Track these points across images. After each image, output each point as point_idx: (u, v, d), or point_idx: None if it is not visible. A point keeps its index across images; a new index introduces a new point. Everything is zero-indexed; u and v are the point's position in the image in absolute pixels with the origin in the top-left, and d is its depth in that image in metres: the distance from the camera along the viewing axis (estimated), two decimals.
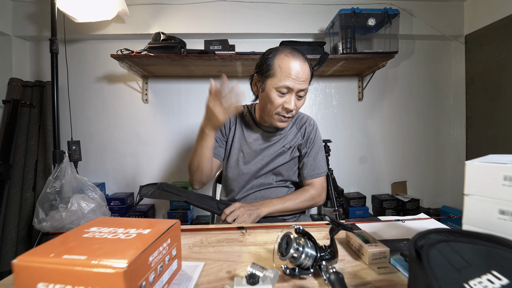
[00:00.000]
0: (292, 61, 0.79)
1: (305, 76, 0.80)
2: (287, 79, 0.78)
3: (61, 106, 1.52)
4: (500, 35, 1.61)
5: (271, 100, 0.82)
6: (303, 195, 0.90)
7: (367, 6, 1.68)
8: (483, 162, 0.38)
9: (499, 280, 0.25)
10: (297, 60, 0.79)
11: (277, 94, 0.81)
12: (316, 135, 0.97)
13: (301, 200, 0.88)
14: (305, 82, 0.80)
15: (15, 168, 1.55)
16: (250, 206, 0.80)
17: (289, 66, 0.78)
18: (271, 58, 0.82)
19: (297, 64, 0.78)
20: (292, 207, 0.86)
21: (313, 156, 0.95)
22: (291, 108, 0.81)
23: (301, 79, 0.79)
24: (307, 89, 0.83)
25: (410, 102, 1.93)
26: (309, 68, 0.82)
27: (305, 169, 0.95)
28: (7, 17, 1.68)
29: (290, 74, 0.78)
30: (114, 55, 1.42)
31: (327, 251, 0.44)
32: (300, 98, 0.84)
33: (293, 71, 0.78)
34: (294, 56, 0.79)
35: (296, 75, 0.78)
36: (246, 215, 0.76)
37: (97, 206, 1.22)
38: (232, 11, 1.74)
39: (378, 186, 1.94)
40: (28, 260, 0.32)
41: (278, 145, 0.94)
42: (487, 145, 1.74)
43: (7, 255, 1.47)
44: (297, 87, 0.79)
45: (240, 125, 0.99)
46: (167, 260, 0.41)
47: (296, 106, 0.83)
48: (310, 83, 0.86)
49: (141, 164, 1.84)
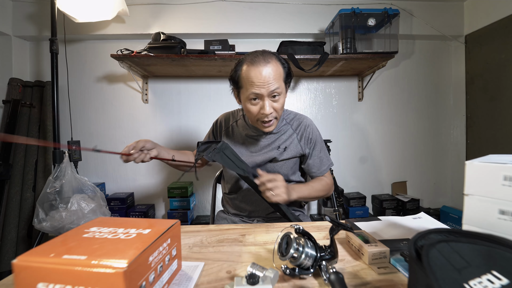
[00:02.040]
0: (252, 69, 0.79)
1: (271, 77, 0.79)
2: (253, 87, 0.79)
3: (61, 106, 1.52)
4: (500, 35, 1.61)
5: (248, 110, 0.84)
6: (321, 184, 0.94)
7: (367, 6, 1.68)
8: (483, 162, 0.38)
9: (499, 280, 0.25)
10: (256, 66, 0.79)
11: (251, 103, 0.82)
12: (314, 133, 0.97)
13: (320, 188, 0.93)
14: (272, 83, 0.79)
15: (15, 168, 1.55)
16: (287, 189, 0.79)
17: (251, 75, 0.79)
18: (238, 71, 0.83)
19: (257, 70, 0.78)
20: (313, 194, 0.91)
21: (317, 155, 0.97)
22: (266, 112, 0.81)
23: (267, 82, 0.78)
24: (279, 88, 0.81)
25: (410, 102, 1.93)
26: (275, 67, 0.80)
27: (312, 169, 0.98)
28: (7, 17, 1.68)
29: (253, 82, 0.79)
30: (114, 55, 1.42)
31: (327, 251, 0.44)
32: (275, 99, 0.82)
33: (255, 78, 0.78)
34: (253, 64, 0.79)
35: (259, 80, 0.78)
36: (284, 189, 0.76)
37: (97, 206, 1.22)
38: (232, 11, 1.74)
39: (378, 186, 1.94)
40: (28, 260, 0.32)
41: (273, 146, 0.94)
42: (487, 145, 1.74)
43: (7, 255, 1.47)
44: (265, 91, 0.79)
45: (236, 128, 1.01)
46: (167, 260, 0.41)
47: (274, 107, 0.82)
48: (288, 79, 0.86)
49: (141, 164, 1.84)
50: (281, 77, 0.82)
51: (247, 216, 0.99)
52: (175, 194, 1.68)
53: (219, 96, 1.84)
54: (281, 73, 0.82)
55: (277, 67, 0.81)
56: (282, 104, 0.84)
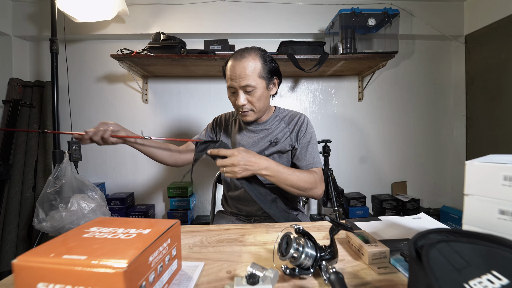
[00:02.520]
0: (229, 63, 0.87)
1: (243, 72, 0.83)
2: (229, 81, 0.87)
3: (61, 106, 1.52)
4: (500, 35, 1.61)
5: (230, 100, 0.92)
6: (307, 175, 0.84)
7: (367, 6, 1.69)
8: (483, 162, 0.38)
9: (499, 280, 0.25)
10: (232, 61, 0.85)
11: (230, 94, 0.90)
12: (307, 128, 0.96)
13: (304, 178, 0.82)
14: (244, 78, 0.83)
15: (15, 168, 1.55)
16: (251, 163, 0.75)
17: (228, 68, 0.87)
18: (224, 66, 0.91)
19: (231, 65, 0.85)
20: (293, 180, 0.80)
21: (305, 146, 0.94)
22: (239, 103, 0.86)
23: (238, 76, 0.83)
24: (253, 83, 0.84)
25: (410, 102, 1.93)
26: (250, 63, 0.83)
27: (300, 161, 0.92)
28: (7, 17, 1.68)
29: (229, 76, 0.86)
30: (114, 55, 1.42)
31: (327, 251, 0.44)
32: (250, 93, 0.85)
33: (230, 72, 0.85)
34: (232, 59, 0.86)
35: (232, 74, 0.84)
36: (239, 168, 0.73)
37: (97, 206, 1.22)
38: (232, 11, 1.74)
39: (378, 186, 1.94)
40: (28, 260, 0.32)
41: (266, 140, 0.96)
42: (487, 145, 1.74)
43: (7, 255, 1.47)
44: (237, 84, 0.84)
45: (234, 125, 1.05)
46: (167, 260, 0.41)
47: (249, 100, 0.87)
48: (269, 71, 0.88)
49: (141, 164, 1.84)
50: (257, 72, 0.85)
51: (245, 216, 0.99)
52: (175, 194, 1.68)
53: (219, 96, 1.84)
54: (257, 68, 0.85)
55: (253, 63, 0.84)
56: (258, 98, 0.87)
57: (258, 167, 0.76)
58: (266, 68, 0.87)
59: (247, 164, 0.74)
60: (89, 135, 0.75)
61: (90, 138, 0.76)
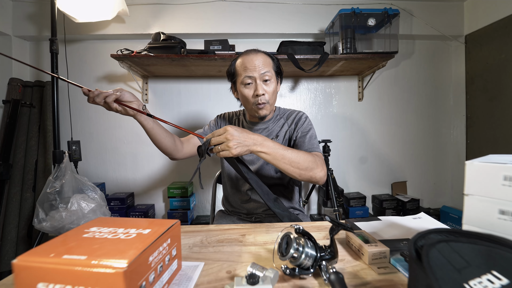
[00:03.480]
0: (244, 56, 0.91)
1: (261, 62, 0.89)
2: (246, 72, 0.89)
3: (61, 106, 1.51)
4: (500, 35, 1.61)
5: (244, 95, 0.92)
6: (306, 154, 0.79)
7: (367, 6, 1.68)
8: (483, 162, 0.38)
9: (499, 280, 0.25)
10: (248, 54, 0.91)
11: (245, 87, 0.91)
12: (306, 121, 0.96)
13: (303, 156, 0.77)
14: (262, 67, 0.88)
15: (15, 168, 1.55)
16: (245, 137, 0.70)
17: (243, 61, 0.90)
18: (233, 64, 0.95)
19: (249, 57, 0.90)
20: (291, 157, 0.75)
21: (304, 135, 0.92)
22: (259, 92, 0.88)
23: (257, 66, 0.88)
24: (269, 72, 0.90)
25: (410, 102, 1.93)
26: (264, 57, 0.91)
27: (300, 147, 0.90)
28: (7, 17, 1.68)
29: (246, 67, 0.89)
30: (114, 55, 1.42)
31: (327, 251, 0.44)
32: (267, 83, 0.90)
33: (248, 63, 0.89)
34: (246, 53, 0.92)
35: (251, 64, 0.88)
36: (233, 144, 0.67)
37: (97, 206, 1.22)
38: (232, 11, 1.74)
39: (378, 186, 1.94)
40: (28, 260, 0.32)
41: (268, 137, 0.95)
42: (487, 145, 1.74)
43: (7, 255, 1.47)
44: (257, 74, 0.88)
45: (236, 124, 1.06)
46: (167, 260, 0.41)
47: (266, 91, 0.90)
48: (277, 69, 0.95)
49: (141, 164, 1.84)
50: (271, 66, 0.92)
51: (245, 214, 1.00)
52: (175, 194, 1.68)
53: (219, 96, 1.84)
54: (271, 63, 0.93)
55: (266, 58, 0.92)
56: (273, 90, 0.91)
57: (253, 142, 0.70)
58: (275, 65, 0.94)
59: (241, 138, 0.68)
60: (94, 94, 0.69)
61: (93, 98, 0.70)
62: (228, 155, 0.67)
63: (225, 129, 0.68)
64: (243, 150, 0.69)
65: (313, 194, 1.79)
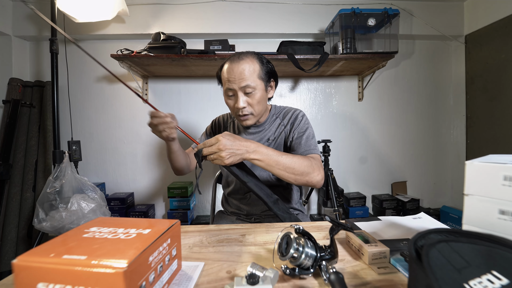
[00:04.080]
0: (225, 66, 0.86)
1: (242, 73, 0.83)
2: (226, 83, 0.86)
3: (61, 106, 1.52)
4: (500, 35, 1.61)
5: (227, 104, 0.90)
6: (302, 158, 0.78)
7: (367, 6, 1.68)
8: (483, 162, 0.38)
9: (499, 280, 0.25)
10: (229, 63, 0.85)
11: (228, 98, 0.89)
12: (303, 121, 0.94)
13: (298, 161, 0.76)
14: (243, 79, 0.83)
15: (15, 168, 1.55)
16: (238, 146, 0.69)
17: (225, 71, 0.86)
18: (220, 69, 0.90)
19: (230, 67, 0.84)
20: (286, 162, 0.74)
21: (300, 136, 0.91)
22: (239, 106, 0.84)
23: (238, 77, 0.83)
24: (252, 83, 0.83)
25: (410, 102, 1.93)
26: (249, 64, 0.84)
27: (295, 150, 0.89)
28: (7, 17, 1.68)
29: (226, 78, 0.85)
30: (114, 55, 1.42)
31: (327, 251, 0.44)
32: (249, 95, 0.85)
33: (228, 74, 0.84)
34: (228, 61, 0.86)
35: (230, 76, 0.84)
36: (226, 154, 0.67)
37: (97, 206, 1.22)
38: (232, 11, 1.74)
39: (378, 186, 1.94)
40: (28, 260, 0.32)
41: (264, 139, 0.96)
42: (487, 145, 1.74)
43: (7, 255, 1.47)
44: (236, 86, 0.83)
45: (232, 126, 1.06)
46: (167, 260, 0.41)
47: (249, 102, 0.86)
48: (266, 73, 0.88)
49: (141, 164, 1.84)
50: (256, 74, 0.85)
51: (245, 215, 1.00)
52: (175, 194, 1.68)
53: (219, 96, 1.84)
54: (256, 70, 0.85)
55: (251, 65, 0.84)
56: (257, 100, 0.86)
57: (246, 150, 0.70)
58: (264, 70, 0.88)
59: (233, 147, 0.68)
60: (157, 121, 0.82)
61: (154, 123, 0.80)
62: (222, 164, 0.69)
63: (217, 139, 0.67)
64: (235, 159, 0.69)
65: (313, 194, 1.79)
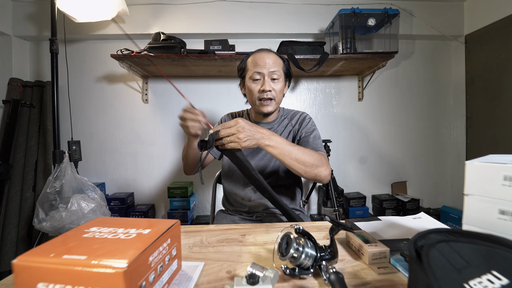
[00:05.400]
0: (256, 54, 0.95)
1: (271, 60, 0.92)
2: (256, 67, 0.92)
3: (61, 106, 1.52)
4: (500, 35, 1.61)
5: (251, 89, 0.94)
6: (313, 151, 0.80)
7: (367, 6, 1.69)
8: (483, 162, 0.38)
9: (499, 280, 0.25)
10: (260, 52, 0.94)
11: (253, 82, 0.94)
12: (310, 122, 0.99)
13: (310, 153, 0.78)
14: (273, 65, 0.92)
15: (15, 168, 1.55)
16: (255, 131, 0.71)
17: (255, 58, 0.94)
18: (245, 60, 0.98)
19: (261, 54, 0.93)
20: (298, 154, 0.76)
21: (308, 135, 0.94)
22: (266, 88, 0.90)
23: (268, 63, 0.91)
24: (278, 72, 0.92)
25: (410, 102, 1.93)
26: (276, 57, 0.94)
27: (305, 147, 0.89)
28: (7, 17, 1.68)
29: (257, 63, 0.92)
30: (114, 55, 1.42)
31: (327, 251, 0.44)
32: (275, 82, 0.93)
33: (259, 60, 0.92)
34: (258, 51, 0.96)
35: (261, 61, 0.91)
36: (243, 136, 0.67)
37: (97, 206, 1.22)
38: (232, 11, 1.74)
39: (378, 186, 1.94)
40: (28, 260, 0.32)
41: None
42: (487, 145, 1.74)
43: (7, 255, 1.47)
44: (265, 71, 0.91)
45: None
46: (167, 260, 0.41)
47: (273, 88, 0.92)
48: (287, 71, 0.98)
49: (141, 164, 1.84)
50: (281, 66, 0.95)
51: (246, 212, 0.99)
52: (175, 194, 1.68)
53: (219, 96, 1.84)
54: (281, 64, 0.95)
55: (278, 58, 0.95)
56: (280, 89, 0.94)
57: (262, 136, 0.71)
58: (285, 67, 0.97)
59: (251, 131, 0.69)
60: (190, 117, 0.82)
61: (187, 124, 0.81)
62: (237, 147, 0.68)
63: (236, 121, 0.69)
64: (251, 143, 0.70)
65: (313, 194, 1.79)
